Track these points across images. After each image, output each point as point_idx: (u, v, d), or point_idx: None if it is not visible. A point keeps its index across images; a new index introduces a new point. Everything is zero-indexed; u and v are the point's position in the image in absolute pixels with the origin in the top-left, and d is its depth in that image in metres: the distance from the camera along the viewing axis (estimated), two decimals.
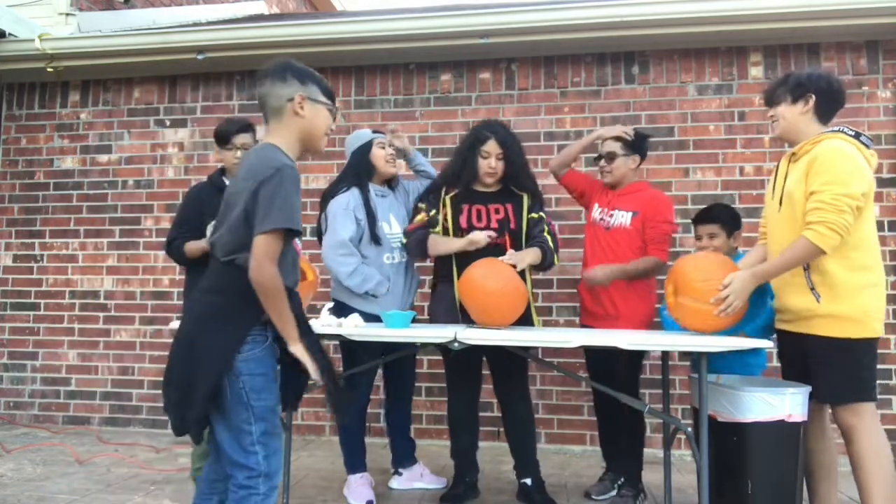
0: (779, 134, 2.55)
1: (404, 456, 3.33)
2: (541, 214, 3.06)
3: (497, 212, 3.02)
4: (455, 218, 3.02)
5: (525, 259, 2.88)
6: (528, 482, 3.00)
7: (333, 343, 2.95)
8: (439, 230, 3.04)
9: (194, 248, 2.92)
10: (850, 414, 2.34)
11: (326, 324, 2.60)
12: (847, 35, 4.09)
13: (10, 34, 4.61)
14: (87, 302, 4.76)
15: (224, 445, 1.85)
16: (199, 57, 4.52)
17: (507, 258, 2.82)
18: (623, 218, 3.09)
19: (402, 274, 3.14)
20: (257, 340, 1.85)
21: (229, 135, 3.02)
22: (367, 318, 2.82)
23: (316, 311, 2.81)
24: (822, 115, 2.47)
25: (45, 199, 4.90)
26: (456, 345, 2.47)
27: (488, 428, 4.04)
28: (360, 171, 3.13)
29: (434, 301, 3.12)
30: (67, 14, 5.03)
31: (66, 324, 4.78)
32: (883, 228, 3.94)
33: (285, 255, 1.87)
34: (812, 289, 2.37)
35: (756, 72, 4.23)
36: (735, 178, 4.18)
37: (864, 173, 2.33)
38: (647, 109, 4.30)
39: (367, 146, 3.15)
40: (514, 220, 3.02)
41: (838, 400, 2.37)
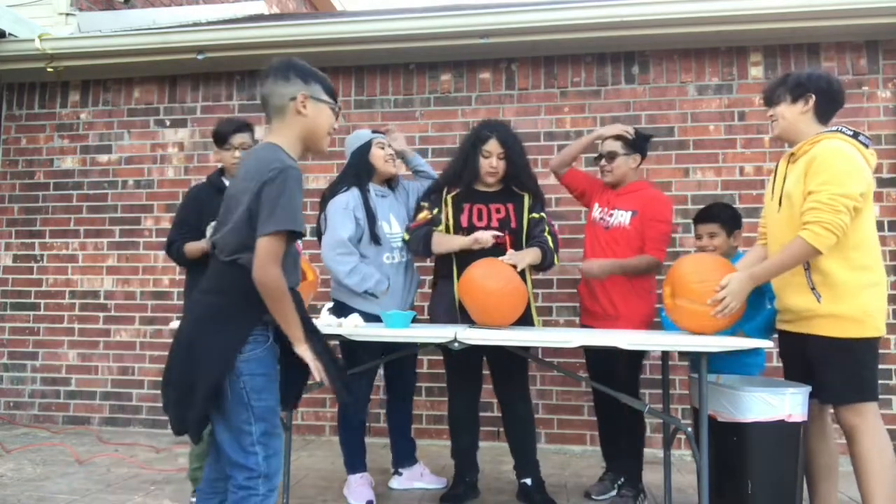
0: (778, 134, 2.55)
1: (405, 456, 3.33)
2: (542, 215, 3.06)
3: (498, 211, 3.02)
4: (456, 217, 3.02)
5: (525, 259, 2.88)
6: (528, 482, 3.00)
7: (333, 343, 2.95)
8: (442, 228, 3.04)
9: (194, 249, 2.91)
10: (853, 414, 2.34)
11: (326, 324, 2.60)
12: (847, 35, 4.09)
13: (10, 34, 4.61)
14: (87, 302, 4.76)
15: (224, 446, 1.85)
16: (199, 57, 4.52)
17: (507, 258, 2.82)
18: (622, 217, 3.09)
19: (402, 274, 3.14)
20: (258, 340, 1.85)
21: (227, 135, 3.02)
22: (367, 318, 2.82)
23: (316, 311, 2.81)
24: (821, 116, 2.47)
25: (45, 199, 4.90)
26: (456, 345, 2.47)
27: (488, 428, 4.04)
28: (359, 171, 3.13)
29: (434, 300, 3.12)
30: (67, 14, 5.03)
31: (66, 324, 4.78)
32: (883, 228, 3.94)
33: (286, 256, 1.87)
34: (813, 289, 2.36)
35: (756, 72, 4.23)
36: (735, 178, 4.18)
37: (862, 173, 2.33)
38: (647, 109, 4.30)
39: (367, 146, 3.15)
40: (515, 219, 3.02)
41: (840, 400, 2.37)
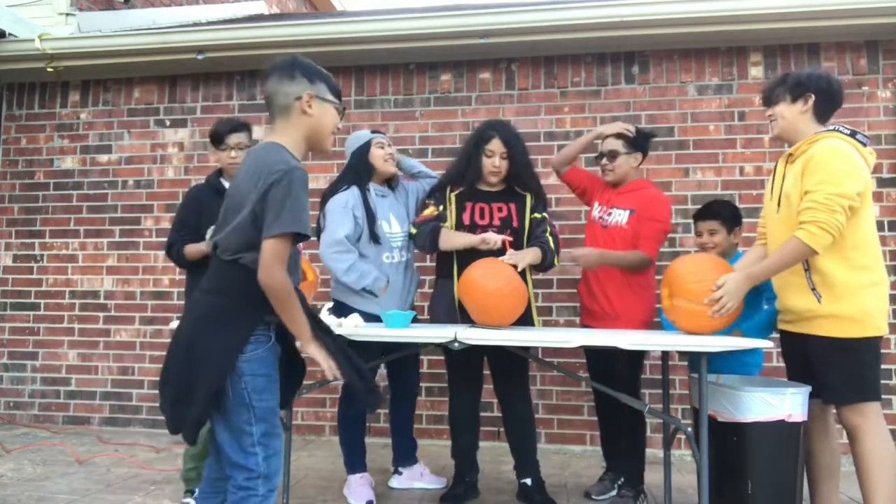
0: (777, 133, 2.54)
1: (405, 455, 3.33)
2: (544, 215, 3.06)
3: (500, 210, 3.02)
4: (458, 215, 3.02)
5: (525, 259, 2.88)
6: (528, 482, 3.00)
7: None
8: (447, 225, 3.04)
9: (194, 251, 2.91)
10: (855, 414, 2.34)
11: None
12: (847, 35, 4.09)
13: (10, 34, 4.61)
14: (87, 302, 4.76)
15: (224, 446, 1.84)
16: (199, 57, 4.51)
17: (508, 258, 2.82)
18: (620, 216, 3.09)
19: (401, 273, 3.14)
20: (260, 341, 1.84)
21: (223, 135, 3.01)
22: (367, 318, 2.82)
23: (316, 312, 2.80)
24: (820, 115, 2.47)
25: (45, 199, 4.89)
26: (456, 345, 2.47)
27: (488, 428, 4.03)
28: (359, 171, 3.13)
29: (434, 300, 3.12)
30: (67, 14, 5.02)
31: (66, 324, 4.78)
32: (883, 228, 3.94)
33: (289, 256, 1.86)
34: (813, 289, 2.36)
35: (756, 72, 4.23)
36: (735, 178, 4.18)
37: (859, 172, 2.32)
38: (647, 109, 4.30)
39: (366, 146, 3.15)
40: (517, 219, 3.02)
41: (842, 400, 2.36)
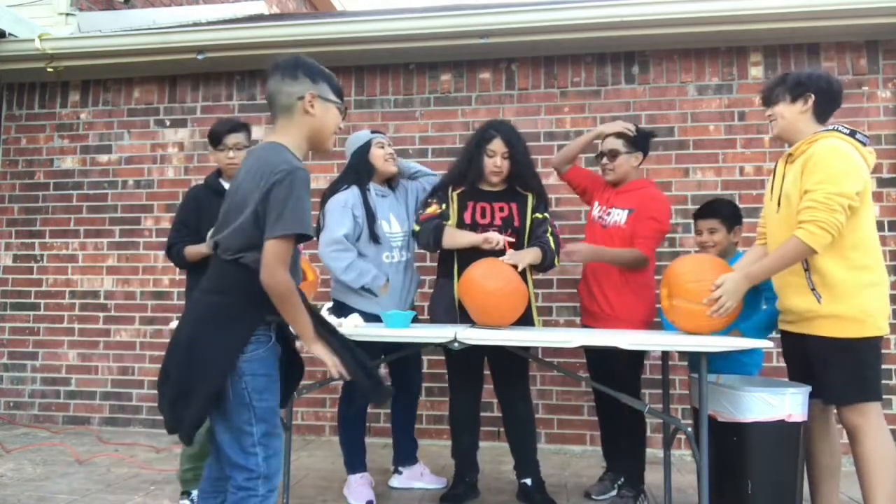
0: (777, 133, 2.54)
1: (406, 455, 3.33)
2: (545, 215, 3.06)
3: (501, 210, 3.02)
4: (460, 214, 3.02)
5: (525, 259, 2.88)
6: (528, 482, 3.00)
7: None
8: (450, 223, 3.04)
9: (194, 252, 2.90)
10: (856, 414, 2.33)
11: None
12: (847, 35, 4.09)
13: (10, 34, 4.61)
14: (87, 302, 4.76)
15: (224, 446, 1.84)
16: (199, 57, 4.51)
17: (508, 258, 2.82)
18: (619, 216, 3.08)
19: (401, 273, 3.14)
20: (261, 340, 1.84)
21: (221, 135, 3.01)
22: (367, 318, 2.82)
23: (316, 311, 2.81)
24: (820, 115, 2.47)
25: (45, 199, 4.89)
26: (456, 345, 2.47)
27: (488, 428, 4.03)
28: (360, 170, 3.13)
29: (434, 300, 3.12)
30: (67, 14, 5.02)
31: (66, 324, 4.78)
32: (883, 228, 3.94)
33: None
34: (813, 289, 2.36)
35: (756, 72, 4.23)
36: (735, 178, 4.18)
37: (859, 172, 2.32)
38: (647, 109, 4.30)
39: (367, 146, 3.16)
40: (519, 219, 3.02)
41: (843, 400, 2.36)
